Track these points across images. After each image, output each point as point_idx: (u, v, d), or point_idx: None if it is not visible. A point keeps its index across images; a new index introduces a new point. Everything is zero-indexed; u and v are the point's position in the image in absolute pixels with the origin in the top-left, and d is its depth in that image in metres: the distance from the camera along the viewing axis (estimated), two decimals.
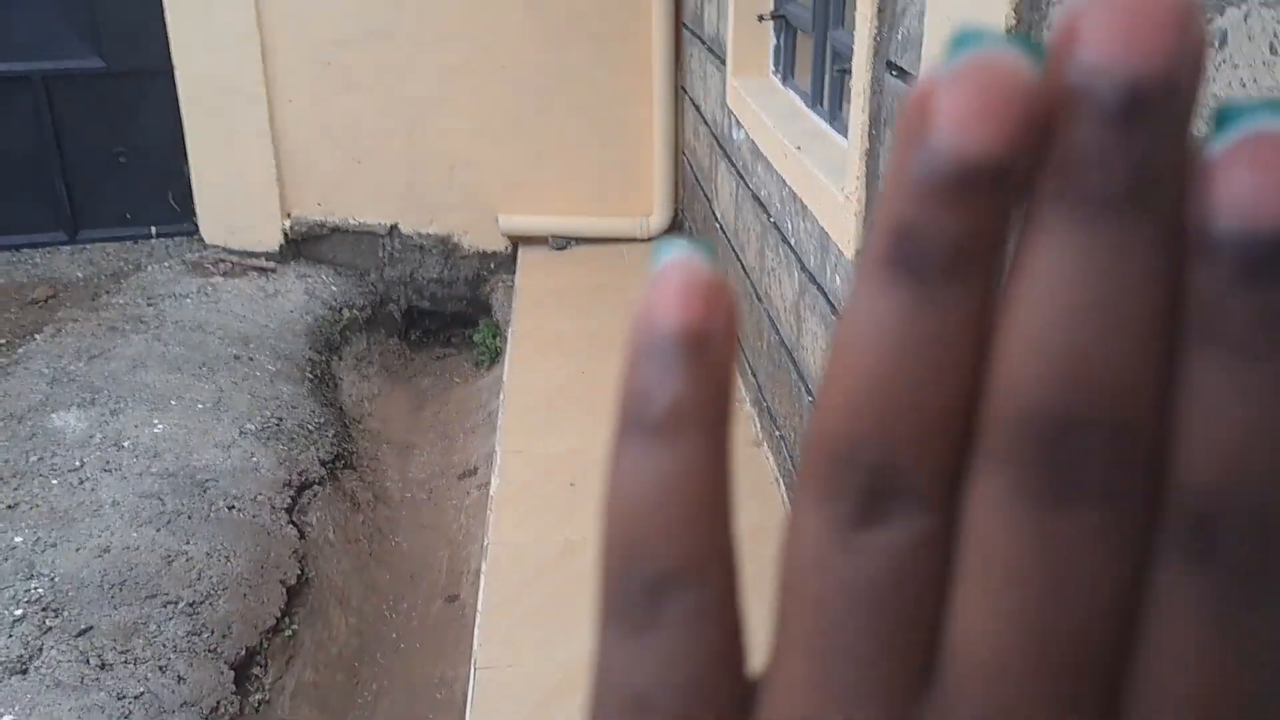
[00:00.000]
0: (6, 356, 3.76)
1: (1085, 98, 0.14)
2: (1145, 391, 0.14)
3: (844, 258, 2.00)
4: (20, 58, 4.47)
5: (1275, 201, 0.13)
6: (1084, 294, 0.14)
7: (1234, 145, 0.14)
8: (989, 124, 0.14)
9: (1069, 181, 0.14)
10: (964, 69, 0.14)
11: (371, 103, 4.54)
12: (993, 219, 0.14)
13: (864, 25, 1.77)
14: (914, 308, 0.15)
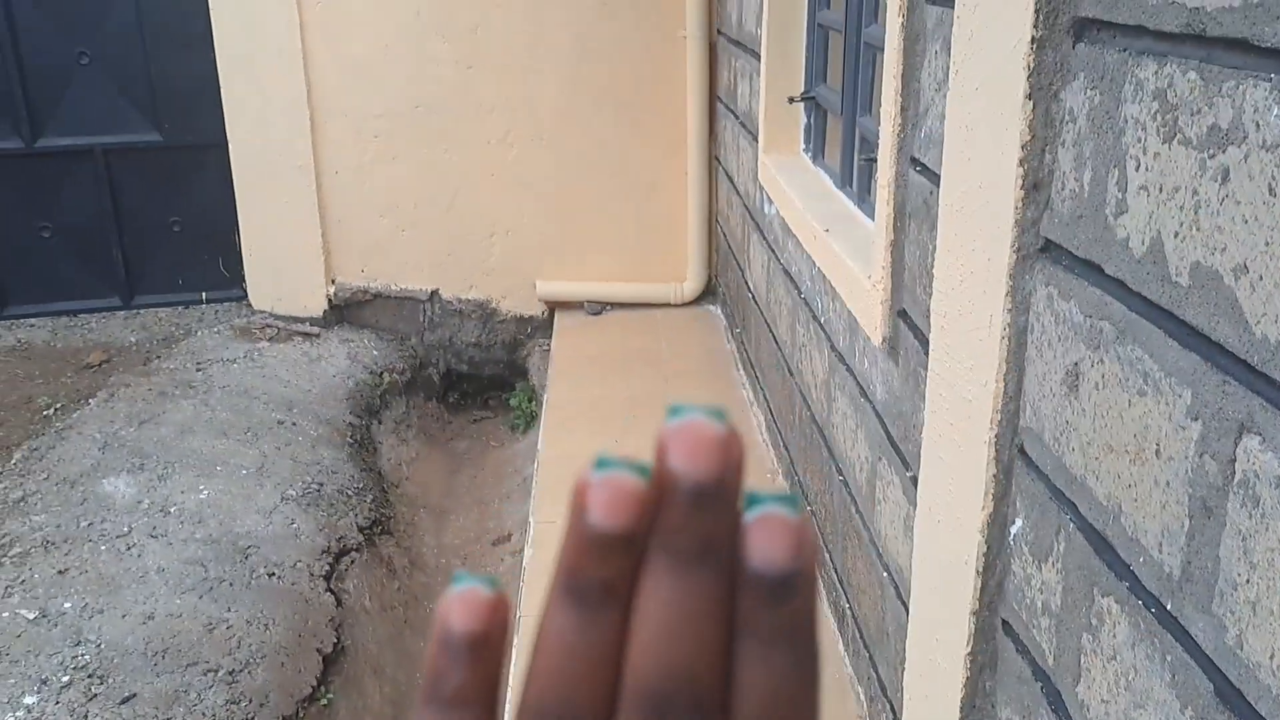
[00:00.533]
0: (62, 421, 3.87)
1: (673, 490, 0.23)
2: (711, 671, 0.23)
3: (871, 343, 2.04)
4: (84, 132, 4.65)
5: (781, 553, 0.23)
6: (673, 615, 0.23)
7: (756, 518, 0.23)
8: (617, 512, 0.23)
9: (664, 543, 0.23)
10: (600, 480, 0.23)
11: (414, 173, 4.67)
12: (625, 565, 0.23)
13: (888, 121, 1.83)
14: (581, 621, 0.24)
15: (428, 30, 4.48)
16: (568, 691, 0.23)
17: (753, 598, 0.23)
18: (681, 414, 0.23)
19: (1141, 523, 0.96)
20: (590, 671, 0.23)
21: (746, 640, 0.23)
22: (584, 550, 0.23)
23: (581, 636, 0.23)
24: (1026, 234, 1.22)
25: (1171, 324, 0.90)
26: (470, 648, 0.24)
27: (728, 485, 0.23)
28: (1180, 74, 0.88)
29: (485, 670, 0.24)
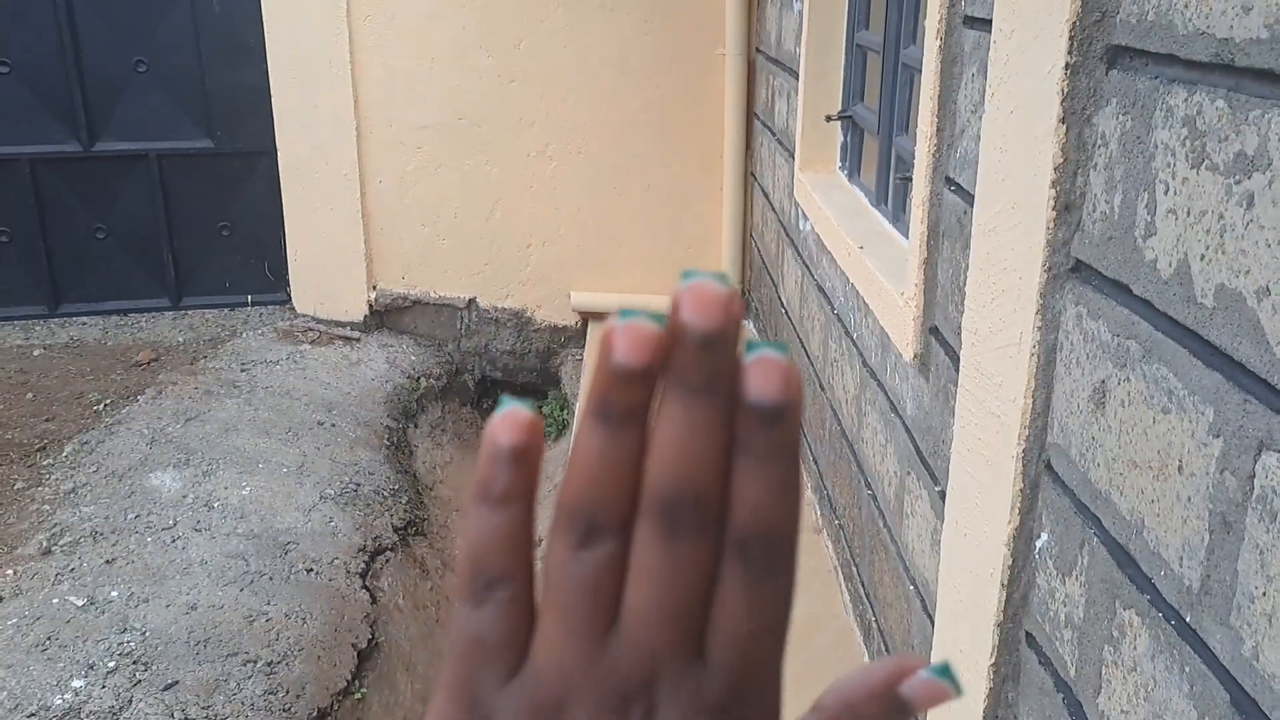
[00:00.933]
0: (111, 416, 3.97)
1: (683, 337, 0.28)
2: (713, 481, 0.29)
3: (902, 359, 2.07)
4: (139, 138, 4.78)
5: (774, 387, 0.29)
6: (683, 433, 0.29)
7: (754, 360, 0.29)
8: (637, 352, 0.28)
9: (676, 378, 0.29)
10: (625, 326, 0.28)
11: (456, 183, 4.74)
12: (643, 394, 0.29)
13: (924, 141, 1.87)
14: (607, 438, 0.29)
15: (472, 44, 4.56)
16: (596, 494, 0.29)
17: (749, 423, 0.29)
18: (692, 277, 0.29)
19: (1163, 537, 0.99)
20: (615, 479, 0.29)
21: (743, 457, 0.29)
22: (610, 382, 0.29)
23: (608, 451, 0.29)
24: (1058, 254, 1.25)
25: (1196, 344, 0.93)
26: (513, 458, 0.30)
27: (729, 333, 0.28)
28: (1209, 102, 0.91)
29: (526, 476, 0.30)
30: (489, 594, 0.30)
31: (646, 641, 0.29)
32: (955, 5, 1.74)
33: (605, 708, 0.30)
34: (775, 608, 0.30)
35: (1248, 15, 0.84)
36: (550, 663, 0.30)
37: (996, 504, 1.42)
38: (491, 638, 0.30)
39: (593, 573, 0.29)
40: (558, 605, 0.30)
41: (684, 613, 0.29)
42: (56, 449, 3.79)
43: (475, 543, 0.30)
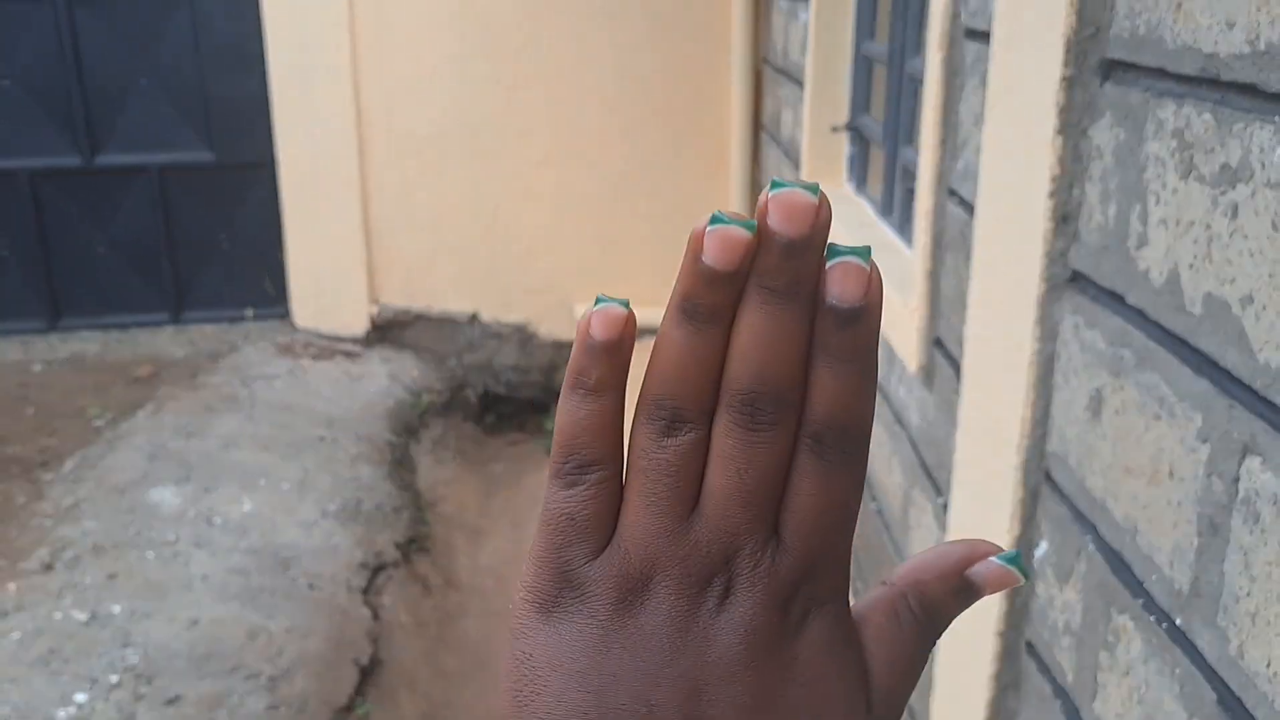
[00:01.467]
0: (112, 431, 3.98)
1: (769, 243, 0.30)
2: (793, 378, 0.31)
3: (907, 371, 2.08)
4: (141, 150, 4.79)
5: (854, 290, 0.30)
6: (765, 334, 0.30)
7: (833, 265, 0.31)
8: (727, 256, 0.30)
9: (760, 281, 0.30)
10: (716, 230, 0.30)
11: (457, 194, 4.76)
12: (729, 296, 0.31)
13: (928, 153, 1.88)
14: (692, 335, 0.31)
15: (474, 53, 4.58)
16: (680, 386, 0.31)
17: (828, 324, 0.31)
18: (781, 186, 0.30)
19: (1155, 541, 1.00)
20: (698, 373, 0.31)
21: (821, 356, 0.31)
22: (697, 281, 0.30)
23: (692, 345, 0.31)
24: (1055, 264, 1.26)
25: (1185, 351, 0.95)
26: (606, 350, 0.32)
27: (815, 241, 0.30)
28: (1196, 115, 0.93)
29: (618, 368, 0.32)
30: (581, 476, 0.32)
31: (725, 521, 0.31)
32: (957, 18, 1.76)
33: (687, 581, 0.32)
34: (846, 494, 0.32)
35: (1231, 31, 0.86)
36: (636, 539, 0.32)
37: (998, 514, 1.43)
38: (581, 516, 0.32)
39: (676, 458, 0.31)
40: (643, 487, 0.32)
41: (760, 496, 0.31)
42: (58, 464, 3.80)
43: (567, 428, 0.32)
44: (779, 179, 0.30)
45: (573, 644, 0.32)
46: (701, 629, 0.32)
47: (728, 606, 0.32)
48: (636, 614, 0.32)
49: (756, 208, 0.30)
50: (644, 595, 0.32)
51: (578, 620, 0.32)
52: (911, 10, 2.46)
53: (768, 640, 0.32)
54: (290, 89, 4.58)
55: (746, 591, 0.32)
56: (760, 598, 0.32)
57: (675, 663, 0.31)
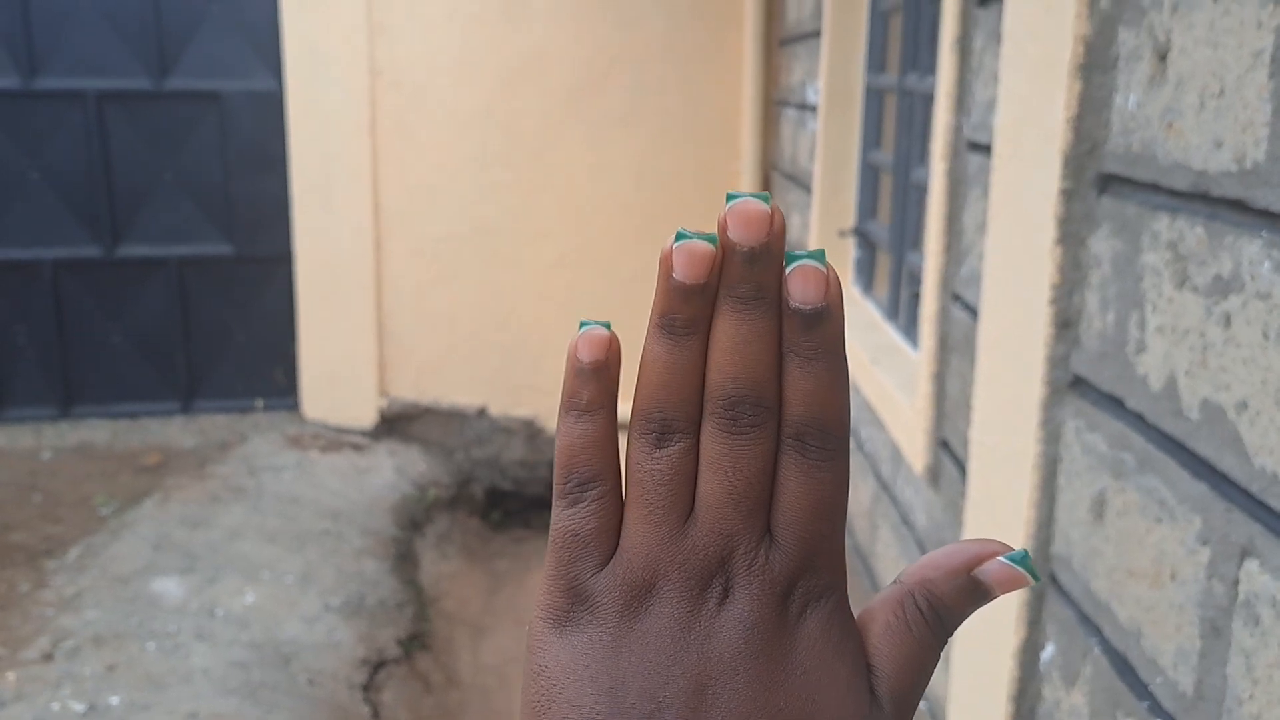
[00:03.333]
0: (118, 520, 3.99)
1: (731, 254, 0.32)
2: (768, 380, 0.33)
3: (913, 471, 2.09)
4: (161, 242, 4.89)
5: (814, 292, 0.32)
6: (738, 340, 0.33)
7: (792, 270, 0.33)
8: (693, 270, 0.33)
9: (728, 291, 0.33)
10: (681, 246, 0.33)
11: (471, 292, 4.84)
12: (702, 308, 0.33)
13: (932, 259, 1.93)
14: (673, 349, 0.33)
15: (493, 158, 4.71)
16: (666, 398, 0.34)
17: (794, 327, 0.33)
18: (736, 198, 0.33)
19: (1159, 644, 1.01)
20: (682, 383, 0.34)
21: (792, 358, 0.33)
22: (671, 298, 0.33)
23: (673, 358, 0.34)
24: (1057, 369, 1.29)
25: (1184, 455, 0.97)
26: (594, 371, 0.34)
27: (773, 247, 0.33)
28: (1189, 228, 0.97)
29: (606, 387, 0.35)
30: (581, 493, 0.34)
31: (719, 524, 0.33)
32: (959, 131, 1.83)
33: (688, 583, 0.33)
34: (833, 488, 0.34)
35: (1219, 150, 0.90)
36: (638, 548, 0.34)
37: (1003, 617, 1.43)
38: (585, 531, 0.34)
39: (669, 467, 0.34)
40: (640, 498, 0.34)
41: (750, 496, 0.33)
42: (62, 552, 3.79)
43: (565, 449, 0.35)
44: (733, 192, 0.33)
45: (585, 652, 0.34)
46: (704, 627, 0.33)
47: (728, 605, 0.33)
48: (643, 618, 0.33)
49: (717, 222, 0.33)
50: (649, 600, 0.34)
51: (588, 630, 0.34)
52: (916, 123, 2.54)
53: (767, 633, 0.33)
54: (311, 188, 4.70)
55: (744, 589, 0.33)
56: (758, 594, 0.33)
57: (681, 660, 0.33)
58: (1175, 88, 0.99)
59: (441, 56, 4.63)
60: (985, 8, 1.65)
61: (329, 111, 4.63)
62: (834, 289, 0.33)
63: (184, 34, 4.73)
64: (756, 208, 0.33)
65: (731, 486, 0.33)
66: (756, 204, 0.33)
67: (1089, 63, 1.17)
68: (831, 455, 0.34)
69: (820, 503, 0.34)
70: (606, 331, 0.35)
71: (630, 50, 4.66)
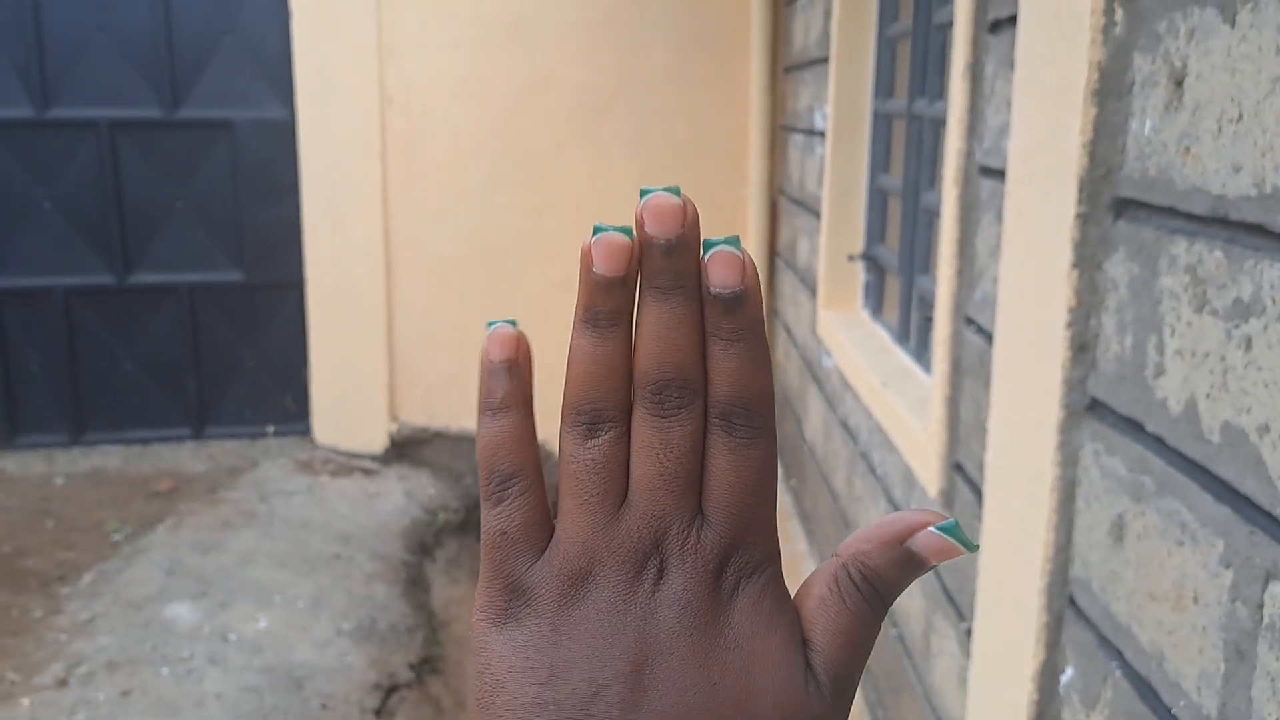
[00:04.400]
0: (131, 545, 3.99)
1: (649, 246, 0.34)
2: (692, 364, 0.34)
3: (927, 495, 2.10)
4: (172, 270, 4.92)
5: (731, 277, 0.34)
6: (661, 327, 0.34)
7: (710, 257, 0.34)
8: (612, 262, 0.34)
9: (648, 281, 0.34)
10: (599, 240, 0.34)
11: (480, 314, 4.86)
12: (623, 299, 0.34)
13: (945, 283, 1.94)
14: (598, 341, 0.34)
15: (501, 180, 4.74)
16: (593, 390, 0.35)
17: (715, 311, 0.34)
18: (649, 193, 0.34)
19: (1182, 668, 1.01)
20: (609, 373, 0.35)
21: (715, 341, 0.34)
22: (594, 291, 0.34)
23: (598, 350, 0.35)
24: (1074, 392, 1.30)
25: (1205, 478, 0.97)
26: (507, 369, 0.36)
27: (688, 238, 0.34)
28: (1208, 252, 0.97)
29: (520, 384, 0.36)
30: (504, 490, 0.35)
31: (651, 506, 0.34)
32: (971, 156, 1.84)
33: (623, 567, 0.34)
34: (760, 466, 0.35)
35: (1238, 174, 0.91)
36: (573, 537, 0.35)
37: (1022, 640, 1.43)
38: (513, 527, 0.35)
39: (601, 456, 0.34)
40: (574, 489, 0.35)
41: (681, 477, 0.34)
42: (75, 578, 3.80)
43: (486, 448, 0.36)
44: (646, 188, 0.34)
45: (525, 644, 0.34)
46: (640, 608, 0.34)
47: (662, 585, 0.34)
48: (580, 605, 0.34)
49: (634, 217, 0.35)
50: (585, 587, 0.34)
51: (527, 623, 0.34)
52: (925, 148, 2.56)
53: (701, 610, 0.34)
54: (322, 214, 4.73)
55: (678, 569, 0.34)
56: (691, 572, 0.34)
57: (618, 642, 0.34)
58: (1192, 113, 1.00)
59: (450, 81, 4.67)
60: (996, 35, 1.67)
61: (339, 137, 4.67)
62: (750, 273, 0.34)
63: (196, 64, 4.78)
64: (669, 201, 0.34)
65: (662, 467, 0.34)
66: (669, 197, 0.34)
67: (1104, 88, 1.18)
68: (757, 433, 0.35)
69: (748, 479, 0.35)
70: (514, 330, 0.36)
71: (637, 75, 4.70)
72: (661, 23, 4.66)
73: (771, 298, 4.71)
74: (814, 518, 3.70)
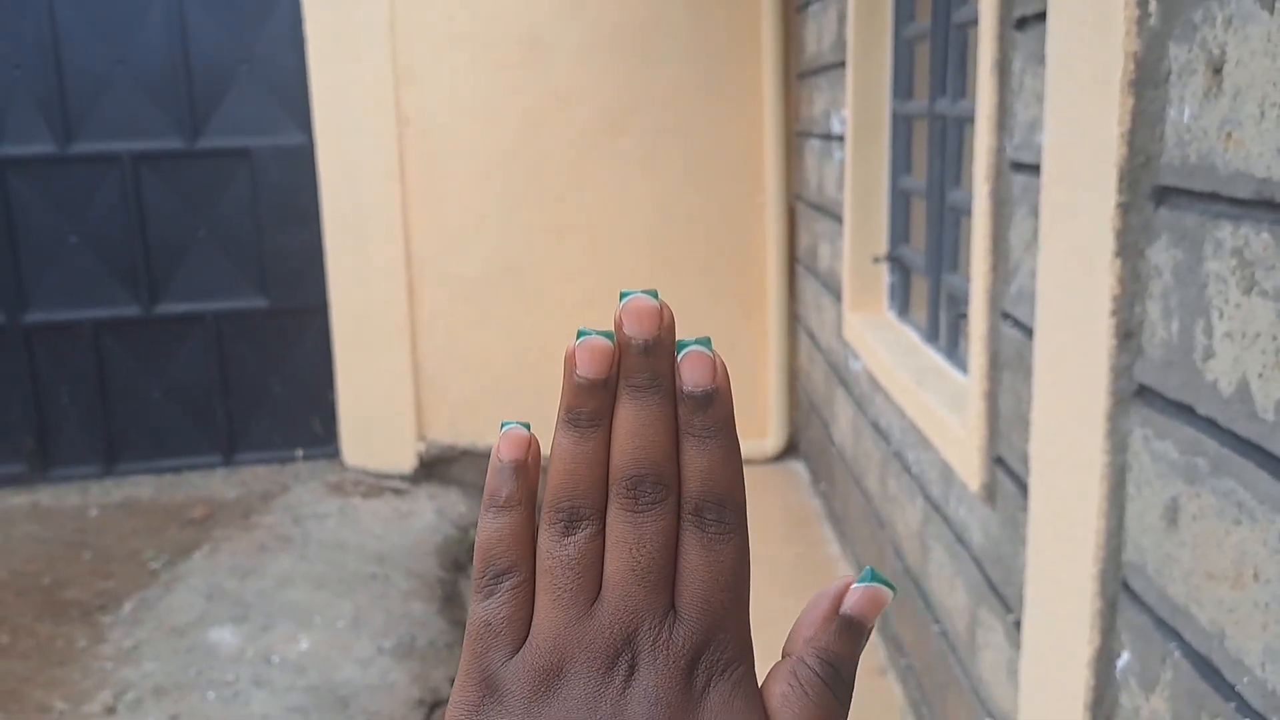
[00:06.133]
0: (169, 572, 4.03)
1: (627, 347, 0.35)
2: (666, 460, 0.35)
3: (967, 490, 2.11)
4: (198, 299, 4.98)
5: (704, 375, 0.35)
6: (636, 424, 0.35)
7: (682, 358, 0.36)
8: (594, 365, 0.35)
9: (626, 381, 0.35)
10: (582, 344, 0.35)
11: (502, 333, 4.89)
12: (604, 400, 0.35)
13: (979, 280, 1.96)
14: (578, 440, 0.36)
15: (519, 200, 4.78)
16: (573, 487, 0.36)
17: (688, 409, 0.36)
18: (627, 296, 0.36)
19: (1244, 644, 1.02)
20: (588, 472, 0.36)
21: (687, 439, 0.36)
22: (576, 393, 0.36)
23: (579, 449, 0.36)
24: (1121, 379, 1.32)
25: (1260, 456, 0.99)
26: (514, 470, 0.37)
27: (664, 339, 0.36)
28: (1255, 234, 0.99)
29: (525, 485, 0.37)
30: (497, 584, 0.36)
31: (624, 602, 0.35)
32: (1002, 152, 1.86)
33: (595, 664, 0.35)
34: (732, 562, 0.36)
35: None
36: (547, 634, 0.35)
37: (1076, 627, 1.45)
38: (498, 620, 0.36)
39: (576, 552, 0.35)
40: (549, 585, 0.35)
41: (654, 573, 0.35)
42: (116, 607, 3.84)
43: (485, 543, 0.37)
44: (625, 290, 0.36)
45: None
46: (611, 705, 0.34)
47: (633, 681, 0.34)
48: (552, 702, 0.34)
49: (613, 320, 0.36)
50: (557, 683, 0.34)
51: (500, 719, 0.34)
52: (949, 147, 2.58)
53: (671, 707, 0.34)
54: (343, 238, 4.78)
55: (649, 664, 0.34)
56: (662, 668, 0.34)
57: None
58: (1233, 99, 1.02)
59: (466, 102, 4.72)
60: (1023, 31, 1.69)
61: (358, 161, 4.72)
62: (720, 373, 0.36)
63: (214, 94, 4.84)
64: (648, 304, 0.36)
65: (635, 563, 0.35)
66: (647, 300, 0.36)
67: (1140, 78, 1.20)
68: (729, 529, 0.35)
69: (720, 575, 0.35)
70: (526, 432, 0.37)
71: (651, 90, 4.74)
72: (673, 38, 4.70)
73: (792, 303, 4.73)
74: (845, 519, 3.71)
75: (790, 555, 3.88)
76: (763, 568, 3.28)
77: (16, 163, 4.78)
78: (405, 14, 4.66)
